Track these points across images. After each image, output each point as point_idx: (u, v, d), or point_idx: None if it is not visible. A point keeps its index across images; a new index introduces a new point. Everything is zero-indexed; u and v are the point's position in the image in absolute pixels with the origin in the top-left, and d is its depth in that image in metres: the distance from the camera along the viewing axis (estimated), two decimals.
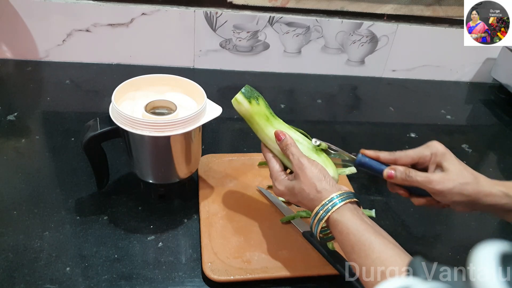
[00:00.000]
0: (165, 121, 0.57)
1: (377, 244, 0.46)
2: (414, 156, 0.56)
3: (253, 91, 0.59)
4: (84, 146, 0.60)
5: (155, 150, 0.62)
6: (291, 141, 0.56)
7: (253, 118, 0.59)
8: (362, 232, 0.47)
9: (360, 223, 0.48)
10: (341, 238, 0.49)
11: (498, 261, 0.24)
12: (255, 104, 0.59)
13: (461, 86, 1.22)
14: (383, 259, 0.44)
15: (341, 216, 0.49)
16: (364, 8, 1.07)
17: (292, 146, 0.56)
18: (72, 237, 0.61)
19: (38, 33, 1.00)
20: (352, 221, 0.48)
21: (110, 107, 0.60)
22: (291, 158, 0.55)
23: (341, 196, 0.50)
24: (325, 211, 0.50)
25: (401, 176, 0.55)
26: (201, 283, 0.57)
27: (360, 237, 0.47)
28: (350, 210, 0.50)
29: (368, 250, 0.45)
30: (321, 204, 0.51)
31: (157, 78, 0.67)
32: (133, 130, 0.57)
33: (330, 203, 0.50)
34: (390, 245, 0.46)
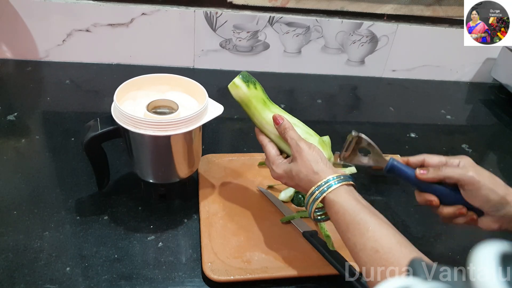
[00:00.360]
0: (167, 121, 0.57)
1: (372, 223, 0.47)
2: (442, 158, 0.56)
3: (250, 76, 0.60)
4: (85, 147, 0.60)
5: (156, 150, 0.62)
6: (289, 124, 0.58)
7: (250, 102, 0.60)
8: (358, 212, 0.48)
9: (356, 203, 0.49)
10: (336, 217, 0.50)
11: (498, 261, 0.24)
12: (252, 88, 0.60)
13: (461, 86, 1.22)
14: (377, 237, 0.45)
15: (337, 197, 0.50)
16: (364, 8, 1.07)
17: (290, 129, 0.57)
18: (72, 237, 0.61)
19: (38, 33, 1.00)
20: (348, 201, 0.49)
21: (112, 106, 0.60)
22: (290, 141, 0.56)
23: (338, 178, 0.51)
24: (320, 191, 0.51)
25: (434, 170, 0.54)
26: (201, 283, 0.57)
27: (355, 217, 0.48)
28: (346, 191, 0.51)
29: (363, 229, 0.47)
30: (317, 185, 0.52)
31: (158, 77, 0.67)
32: (135, 129, 0.57)
33: (326, 184, 0.51)
34: (385, 225, 0.47)
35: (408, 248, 0.45)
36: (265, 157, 0.61)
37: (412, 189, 0.78)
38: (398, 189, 0.79)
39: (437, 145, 0.95)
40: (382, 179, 0.80)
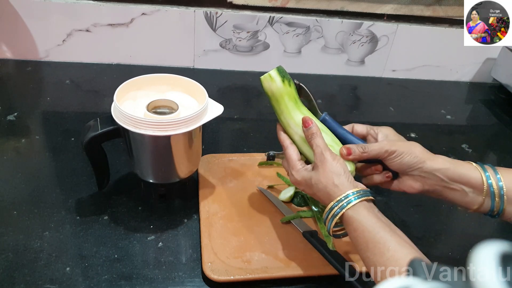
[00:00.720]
0: (167, 121, 0.57)
1: (392, 243, 0.45)
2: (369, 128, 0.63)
3: (286, 72, 0.58)
4: (85, 147, 0.60)
5: (156, 150, 0.62)
6: (317, 130, 0.56)
7: (282, 98, 0.58)
8: (377, 229, 0.47)
9: (376, 221, 0.48)
10: (355, 235, 0.49)
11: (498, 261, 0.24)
12: (287, 85, 0.57)
13: (461, 86, 1.22)
14: (397, 258, 0.44)
15: (356, 214, 0.49)
16: (364, 8, 1.07)
17: (317, 136, 0.55)
18: (72, 237, 0.61)
19: (38, 33, 1.00)
20: (367, 218, 0.48)
21: (112, 106, 0.60)
22: (315, 148, 0.55)
23: (358, 193, 0.50)
24: (340, 207, 0.50)
25: (358, 149, 0.58)
26: (201, 283, 0.57)
27: (375, 235, 0.47)
28: (365, 207, 0.50)
29: (383, 248, 0.45)
30: (336, 200, 0.51)
31: (158, 77, 0.67)
32: (135, 129, 0.57)
33: (346, 199, 0.50)
34: (406, 244, 0.46)
35: None
36: (285, 159, 0.59)
37: None
38: None
39: (437, 145, 0.95)
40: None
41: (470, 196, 0.56)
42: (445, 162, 0.56)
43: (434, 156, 0.57)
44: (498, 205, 0.54)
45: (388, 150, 0.57)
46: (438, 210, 0.75)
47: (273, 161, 0.77)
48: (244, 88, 1.07)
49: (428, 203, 0.76)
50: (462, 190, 0.56)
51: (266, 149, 0.79)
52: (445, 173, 0.56)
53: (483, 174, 0.55)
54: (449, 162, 0.57)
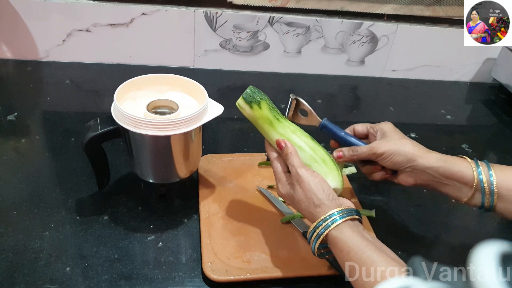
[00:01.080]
0: (167, 121, 0.57)
1: (380, 261, 0.45)
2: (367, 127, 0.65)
3: (254, 94, 0.58)
4: (85, 147, 0.60)
5: (156, 150, 0.62)
6: (292, 150, 0.56)
7: (256, 122, 0.59)
8: (364, 249, 0.46)
9: (361, 240, 0.47)
10: (341, 255, 0.48)
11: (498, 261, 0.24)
12: (256, 109, 0.58)
13: (461, 86, 1.22)
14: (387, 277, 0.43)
15: (340, 234, 0.48)
16: (364, 8, 1.07)
17: (292, 155, 0.55)
18: (72, 237, 0.61)
19: (38, 33, 1.00)
20: (352, 238, 0.47)
21: (112, 106, 0.60)
22: (290, 168, 0.55)
23: (342, 212, 0.49)
24: (324, 227, 0.49)
25: (348, 153, 0.62)
26: (201, 283, 0.57)
27: (361, 255, 0.46)
28: (350, 227, 0.49)
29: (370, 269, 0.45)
30: (319, 220, 0.50)
31: (158, 77, 0.67)
32: (135, 129, 0.57)
33: (330, 219, 0.49)
34: (393, 262, 0.45)
35: None
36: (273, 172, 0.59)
37: (412, 189, 0.78)
38: (398, 189, 0.79)
39: (437, 145, 0.94)
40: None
41: (462, 191, 0.57)
42: (437, 160, 0.58)
43: (426, 154, 0.58)
44: (488, 201, 0.56)
45: (376, 152, 0.60)
46: (438, 210, 0.75)
47: None
48: (244, 88, 1.06)
49: (428, 203, 0.76)
50: (454, 185, 0.58)
51: None
52: (437, 171, 0.57)
53: (475, 170, 0.56)
54: (441, 160, 0.58)
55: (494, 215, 0.76)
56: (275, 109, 0.59)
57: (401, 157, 0.59)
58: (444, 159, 0.58)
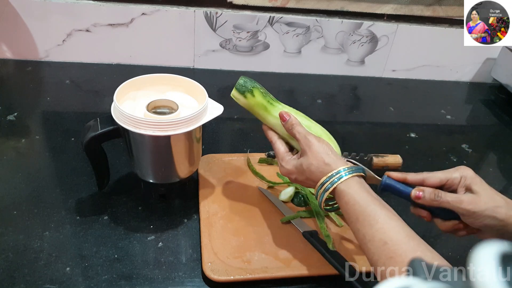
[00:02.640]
0: (167, 121, 0.57)
1: (382, 215, 0.47)
2: (443, 177, 0.54)
3: (246, 84, 0.61)
4: (85, 147, 0.60)
5: (156, 150, 0.62)
6: (295, 120, 0.58)
7: (252, 109, 0.62)
8: (368, 203, 0.49)
9: (367, 195, 0.50)
10: (346, 208, 0.50)
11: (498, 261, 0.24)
12: (250, 97, 0.60)
13: (461, 86, 1.22)
14: (386, 230, 0.46)
15: (348, 188, 0.50)
16: (364, 8, 1.07)
17: (297, 125, 0.57)
18: (72, 237, 0.61)
19: (38, 33, 1.00)
20: (358, 192, 0.50)
21: (112, 106, 0.60)
22: (298, 136, 0.56)
23: (349, 169, 0.52)
24: (331, 182, 0.51)
25: (430, 196, 0.53)
26: (201, 283, 0.57)
27: (365, 208, 0.48)
28: (357, 182, 0.51)
29: (372, 220, 0.47)
30: (327, 176, 0.52)
31: (158, 77, 0.67)
32: (135, 129, 0.57)
33: (337, 174, 0.51)
34: (394, 217, 0.47)
35: (416, 240, 0.45)
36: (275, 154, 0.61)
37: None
38: None
39: (437, 145, 0.95)
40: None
41: None
42: None
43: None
44: None
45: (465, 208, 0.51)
46: None
47: (273, 159, 0.78)
48: None
49: None
50: None
51: (266, 149, 0.79)
52: None
53: None
54: None
55: None
56: (267, 95, 0.62)
57: (494, 221, 0.50)
58: None
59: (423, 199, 0.54)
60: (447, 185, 0.54)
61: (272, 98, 0.62)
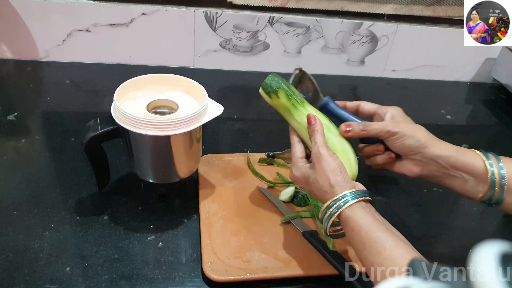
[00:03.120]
0: (167, 121, 0.57)
1: (389, 242, 0.46)
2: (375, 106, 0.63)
3: (273, 83, 0.60)
4: (85, 147, 0.60)
5: (156, 150, 0.62)
6: (319, 128, 0.56)
7: (277, 109, 0.61)
8: (374, 229, 0.47)
9: (372, 220, 0.48)
10: (352, 234, 0.49)
11: (498, 261, 0.24)
12: (275, 98, 0.60)
13: (461, 86, 1.22)
14: (394, 257, 0.44)
15: (353, 213, 0.49)
16: (364, 8, 1.07)
17: (317, 133, 0.56)
18: (72, 237, 0.61)
19: (38, 33, 1.00)
20: (364, 218, 0.48)
21: (112, 106, 0.60)
22: (313, 145, 0.56)
23: (355, 193, 0.50)
24: (336, 207, 0.50)
25: (358, 127, 0.59)
26: (201, 283, 0.57)
27: (371, 235, 0.47)
28: (362, 207, 0.50)
29: (380, 248, 0.45)
30: (333, 199, 0.51)
31: (158, 77, 0.67)
32: (135, 129, 0.57)
33: (343, 199, 0.50)
34: (402, 243, 0.46)
35: None
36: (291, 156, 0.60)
37: (412, 189, 0.78)
38: (398, 189, 0.79)
39: None
40: (382, 179, 0.80)
41: (469, 184, 0.55)
42: (448, 149, 0.56)
43: (437, 142, 0.56)
44: (497, 194, 0.54)
45: (390, 130, 0.57)
46: (438, 210, 0.75)
47: (273, 159, 0.78)
48: (244, 88, 1.07)
49: (428, 203, 0.76)
50: (462, 178, 0.55)
51: (266, 149, 0.79)
52: (447, 161, 0.55)
53: (486, 162, 0.54)
54: (452, 149, 0.56)
55: (494, 215, 0.76)
56: (294, 96, 0.60)
57: (413, 140, 0.56)
58: (455, 149, 0.56)
59: (352, 132, 0.59)
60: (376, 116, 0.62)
61: (297, 100, 0.60)
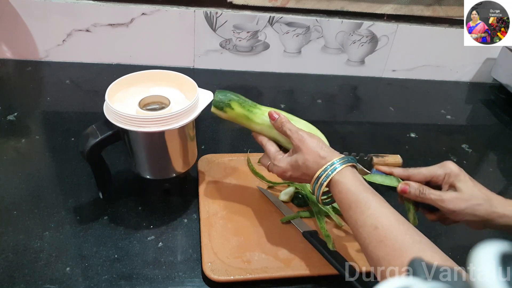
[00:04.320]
0: (160, 116, 0.57)
1: (373, 202, 0.48)
2: (427, 174, 0.57)
3: (223, 98, 0.60)
4: (87, 155, 0.58)
5: (152, 146, 0.62)
6: (285, 118, 0.58)
7: (235, 121, 0.62)
8: (360, 191, 0.50)
9: (359, 184, 0.51)
10: (340, 196, 0.51)
11: (498, 261, 0.24)
12: (229, 111, 0.61)
13: (461, 86, 1.22)
14: (377, 215, 0.47)
15: (342, 177, 0.52)
16: (364, 8, 1.07)
17: (287, 122, 0.58)
18: (72, 237, 0.61)
19: (38, 33, 1.00)
20: (351, 181, 0.51)
21: (104, 107, 0.60)
22: (289, 133, 0.57)
23: (342, 159, 0.53)
24: (326, 175, 0.52)
25: (415, 192, 0.56)
26: (201, 283, 0.57)
27: (358, 195, 0.50)
28: (350, 172, 0.52)
29: (364, 207, 0.48)
30: (322, 169, 0.53)
31: (147, 74, 0.67)
32: (135, 128, 0.57)
33: (331, 166, 0.52)
34: (385, 204, 0.49)
35: (406, 225, 0.46)
36: (265, 155, 0.61)
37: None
38: None
39: (437, 145, 0.95)
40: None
41: None
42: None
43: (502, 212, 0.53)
44: None
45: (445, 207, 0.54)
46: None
47: None
48: (244, 88, 1.07)
49: None
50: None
51: None
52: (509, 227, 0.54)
53: None
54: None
55: None
56: (245, 103, 0.61)
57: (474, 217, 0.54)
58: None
59: (408, 194, 0.57)
60: (433, 181, 0.57)
61: (250, 105, 0.61)
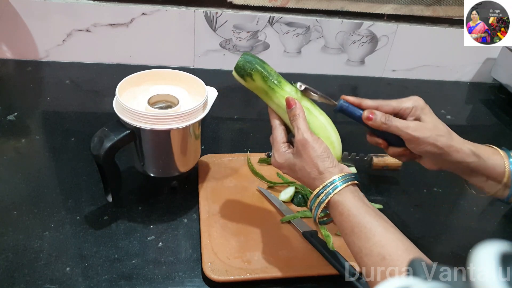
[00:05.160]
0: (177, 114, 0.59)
1: (379, 228, 0.45)
2: (396, 106, 0.57)
3: (246, 66, 0.55)
4: (103, 159, 0.57)
5: (163, 144, 0.63)
6: (300, 112, 0.53)
7: (254, 91, 0.57)
8: (363, 214, 0.46)
9: (361, 205, 0.47)
10: (340, 219, 0.48)
11: (498, 261, 0.24)
12: (250, 81, 0.56)
13: (461, 86, 1.22)
14: (384, 243, 0.44)
15: (342, 198, 0.48)
16: (364, 8, 1.07)
17: (299, 118, 0.53)
18: (72, 237, 0.61)
19: (38, 33, 1.00)
20: (353, 202, 0.47)
21: (114, 104, 0.60)
22: (296, 131, 0.52)
23: (343, 178, 0.49)
24: (326, 194, 0.49)
25: (380, 119, 0.55)
26: (201, 283, 0.57)
27: (361, 219, 0.46)
28: (351, 192, 0.49)
29: (369, 233, 0.45)
30: (322, 186, 0.49)
31: (157, 73, 0.68)
32: (150, 126, 0.58)
33: (332, 185, 0.49)
34: (391, 229, 0.45)
35: (416, 253, 0.44)
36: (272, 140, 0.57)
37: (412, 189, 0.78)
38: (398, 189, 0.79)
39: None
40: (382, 179, 0.80)
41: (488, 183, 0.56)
42: (470, 154, 0.54)
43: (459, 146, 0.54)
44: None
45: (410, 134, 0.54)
46: (438, 210, 0.75)
47: None
48: (244, 88, 1.06)
49: (428, 203, 0.76)
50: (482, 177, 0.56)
51: (266, 149, 0.79)
52: (468, 165, 0.55)
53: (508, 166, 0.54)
54: (475, 154, 0.55)
55: (494, 215, 0.76)
56: (270, 77, 0.56)
57: (434, 148, 0.54)
58: (477, 152, 0.55)
59: (374, 121, 0.56)
60: (399, 114, 0.57)
61: (274, 82, 0.56)
